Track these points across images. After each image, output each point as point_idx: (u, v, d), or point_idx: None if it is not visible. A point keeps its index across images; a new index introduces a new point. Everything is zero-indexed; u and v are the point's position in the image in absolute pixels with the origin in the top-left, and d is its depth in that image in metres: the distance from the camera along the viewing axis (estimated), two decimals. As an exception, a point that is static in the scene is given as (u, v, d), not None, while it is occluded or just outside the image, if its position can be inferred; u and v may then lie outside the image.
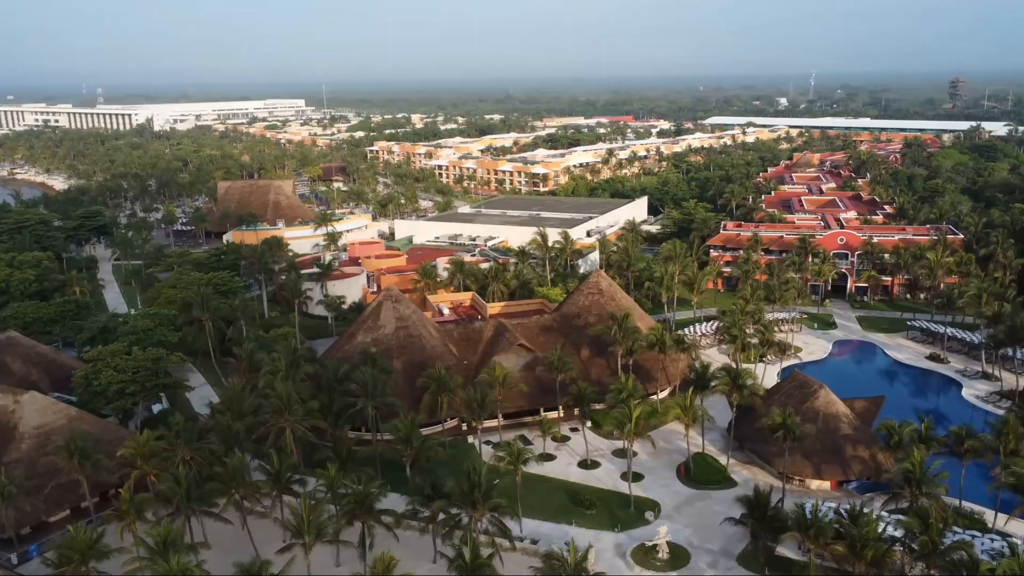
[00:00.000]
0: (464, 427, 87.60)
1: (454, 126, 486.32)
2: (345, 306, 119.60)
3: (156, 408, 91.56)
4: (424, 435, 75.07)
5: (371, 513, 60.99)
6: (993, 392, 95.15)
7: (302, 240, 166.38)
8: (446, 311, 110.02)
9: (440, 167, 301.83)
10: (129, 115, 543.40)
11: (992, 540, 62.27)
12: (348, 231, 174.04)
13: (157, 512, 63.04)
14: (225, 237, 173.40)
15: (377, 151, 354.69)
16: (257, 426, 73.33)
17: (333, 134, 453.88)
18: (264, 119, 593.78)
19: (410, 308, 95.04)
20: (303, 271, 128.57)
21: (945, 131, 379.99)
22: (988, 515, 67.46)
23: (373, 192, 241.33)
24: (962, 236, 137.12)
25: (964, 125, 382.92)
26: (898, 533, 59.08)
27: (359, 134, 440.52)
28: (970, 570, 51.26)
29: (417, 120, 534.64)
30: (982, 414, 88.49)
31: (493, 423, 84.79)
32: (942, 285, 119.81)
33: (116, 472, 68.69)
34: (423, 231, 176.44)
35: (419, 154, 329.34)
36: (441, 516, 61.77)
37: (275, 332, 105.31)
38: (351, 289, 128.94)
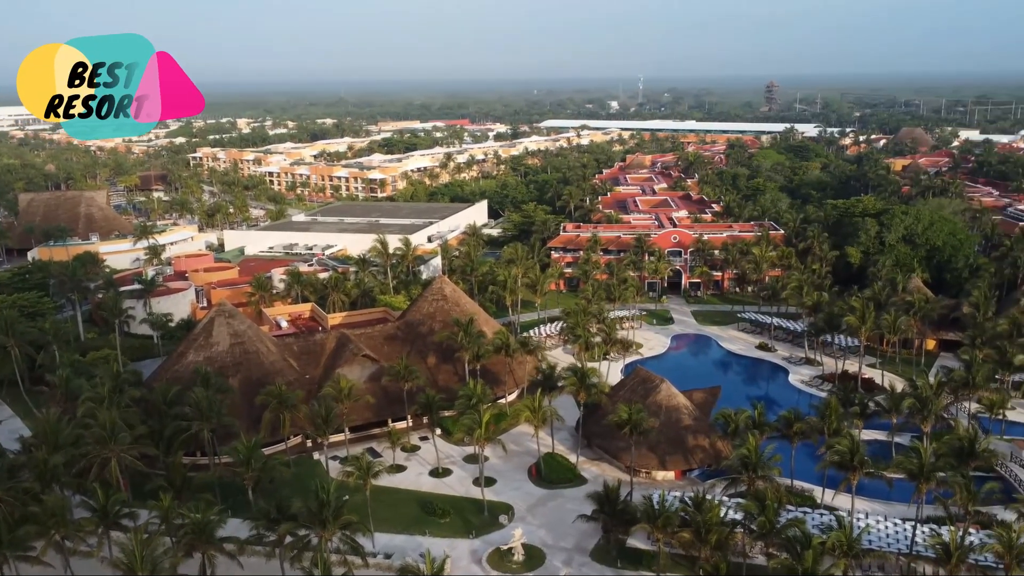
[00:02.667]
0: (309, 444, 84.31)
1: (284, 131, 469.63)
2: (172, 324, 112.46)
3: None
4: (266, 455, 71.39)
5: (211, 542, 57.01)
6: (816, 376, 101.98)
7: (120, 255, 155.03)
8: (284, 324, 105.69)
9: (271, 174, 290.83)
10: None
11: (821, 515, 66.14)
12: (172, 243, 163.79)
13: (-40, 564, 56.26)
14: (30, 254, 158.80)
15: (201, 158, 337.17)
16: (78, 459, 67.05)
17: (150, 140, 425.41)
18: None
19: (245, 323, 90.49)
20: (123, 288, 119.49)
21: (763, 132, 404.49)
22: (816, 492, 72.02)
23: (199, 201, 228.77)
24: (783, 232, 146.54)
25: (779, 127, 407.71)
26: (738, 516, 61.65)
27: (179, 140, 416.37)
28: (803, 545, 54.03)
29: (243, 125, 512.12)
30: (807, 397, 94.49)
31: (339, 438, 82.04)
32: (767, 278, 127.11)
33: (-94, 524, 60.53)
34: (255, 241, 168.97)
35: (247, 160, 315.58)
36: (289, 539, 58.69)
37: (94, 355, 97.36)
38: (178, 305, 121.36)
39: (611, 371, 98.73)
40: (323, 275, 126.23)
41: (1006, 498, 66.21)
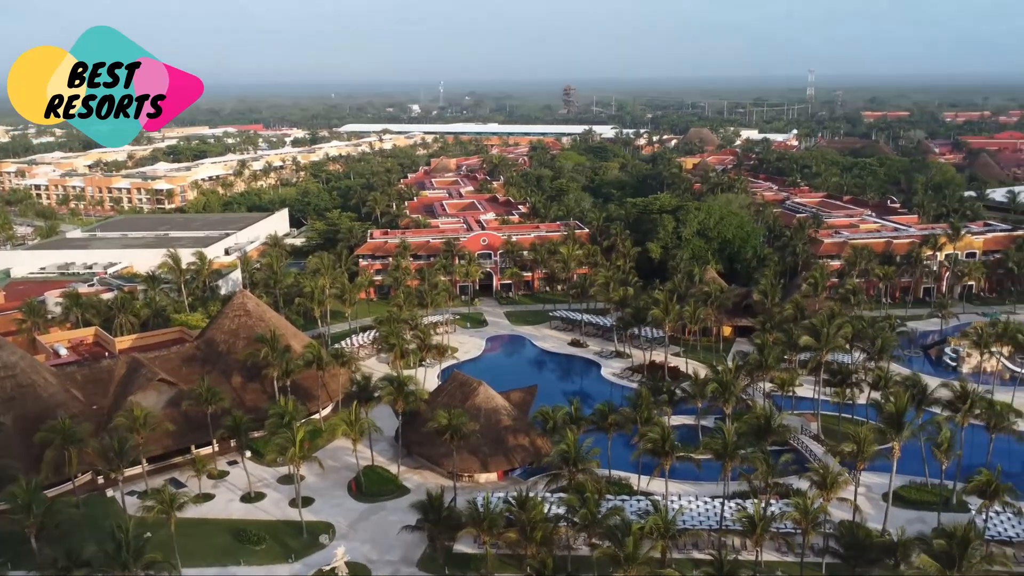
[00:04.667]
0: (101, 480, 76.68)
1: (51, 139, 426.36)
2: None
3: None
4: (50, 497, 64.58)
5: (-13, 604, 50.44)
6: (626, 368, 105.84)
7: None
8: (64, 352, 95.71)
9: (38, 187, 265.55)
10: None
11: (639, 501, 68.54)
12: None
13: None
14: None
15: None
16: None
17: None
18: None
19: (16, 353, 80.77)
20: None
21: (563, 134, 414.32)
22: (633, 479, 74.52)
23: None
24: (587, 230, 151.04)
25: (579, 128, 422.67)
26: (561, 510, 62.35)
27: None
28: (624, 532, 55.49)
29: (1, 133, 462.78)
30: (620, 389, 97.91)
31: (136, 470, 75.34)
32: (575, 276, 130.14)
33: None
34: (23, 262, 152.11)
35: (8, 172, 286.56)
36: (82, 588, 53.00)
37: None
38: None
39: (428, 377, 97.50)
40: (107, 296, 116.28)
41: (799, 468, 71.38)
